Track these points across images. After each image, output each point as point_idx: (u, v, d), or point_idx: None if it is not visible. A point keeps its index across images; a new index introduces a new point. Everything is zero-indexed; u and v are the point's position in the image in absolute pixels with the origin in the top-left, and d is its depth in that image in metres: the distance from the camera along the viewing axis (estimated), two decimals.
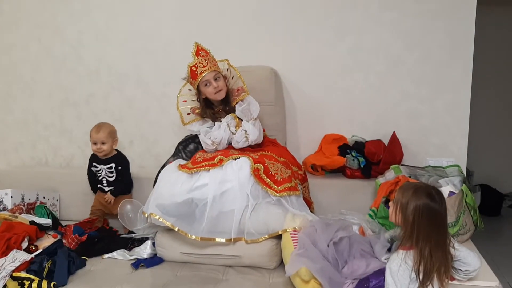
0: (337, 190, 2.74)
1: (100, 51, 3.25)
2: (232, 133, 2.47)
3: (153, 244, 2.45)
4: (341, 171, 2.89)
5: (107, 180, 2.83)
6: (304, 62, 3.02)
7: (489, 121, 4.76)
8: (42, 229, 2.51)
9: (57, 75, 3.32)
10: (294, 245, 2.14)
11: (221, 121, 2.51)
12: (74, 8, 3.24)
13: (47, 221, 2.61)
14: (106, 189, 2.83)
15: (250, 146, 2.52)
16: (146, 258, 2.39)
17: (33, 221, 2.53)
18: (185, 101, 2.60)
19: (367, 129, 3.00)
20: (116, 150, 2.88)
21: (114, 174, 2.82)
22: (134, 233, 2.64)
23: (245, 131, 2.45)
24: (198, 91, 2.50)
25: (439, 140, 2.92)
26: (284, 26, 3.01)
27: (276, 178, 2.31)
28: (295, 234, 2.20)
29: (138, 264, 2.32)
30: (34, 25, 3.30)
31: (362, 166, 2.78)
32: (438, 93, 2.89)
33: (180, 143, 2.66)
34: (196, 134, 2.65)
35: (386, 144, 2.86)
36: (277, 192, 2.28)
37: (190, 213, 2.29)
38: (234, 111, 2.51)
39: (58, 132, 3.38)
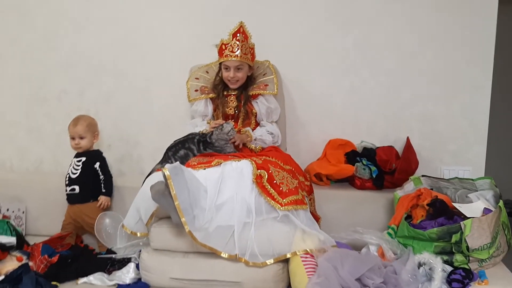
0: (345, 202, 2.59)
1: (74, 40, 3.03)
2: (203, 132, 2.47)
3: (137, 266, 2.25)
4: (347, 181, 2.71)
5: (69, 177, 2.63)
6: (305, 57, 2.89)
7: (510, 126, 4.50)
8: (5, 249, 2.27)
9: (24, 67, 3.10)
10: (307, 272, 1.94)
11: (226, 100, 2.56)
12: None
13: (10, 240, 2.37)
14: (68, 189, 2.61)
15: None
16: (129, 284, 2.20)
17: None
18: (198, 78, 2.68)
19: (374, 133, 2.88)
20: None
21: (79, 170, 2.62)
22: (114, 252, 2.42)
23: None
24: (219, 65, 2.57)
25: (455, 146, 2.83)
26: (282, 16, 2.87)
27: (281, 188, 2.13)
28: (306, 257, 2.00)
29: None
30: None
31: (374, 175, 2.60)
32: (454, 94, 2.81)
33: (169, 149, 2.43)
34: (186, 139, 2.45)
35: (397, 150, 2.71)
36: (281, 206, 2.08)
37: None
38: (245, 98, 2.53)
39: (25, 132, 3.14)
